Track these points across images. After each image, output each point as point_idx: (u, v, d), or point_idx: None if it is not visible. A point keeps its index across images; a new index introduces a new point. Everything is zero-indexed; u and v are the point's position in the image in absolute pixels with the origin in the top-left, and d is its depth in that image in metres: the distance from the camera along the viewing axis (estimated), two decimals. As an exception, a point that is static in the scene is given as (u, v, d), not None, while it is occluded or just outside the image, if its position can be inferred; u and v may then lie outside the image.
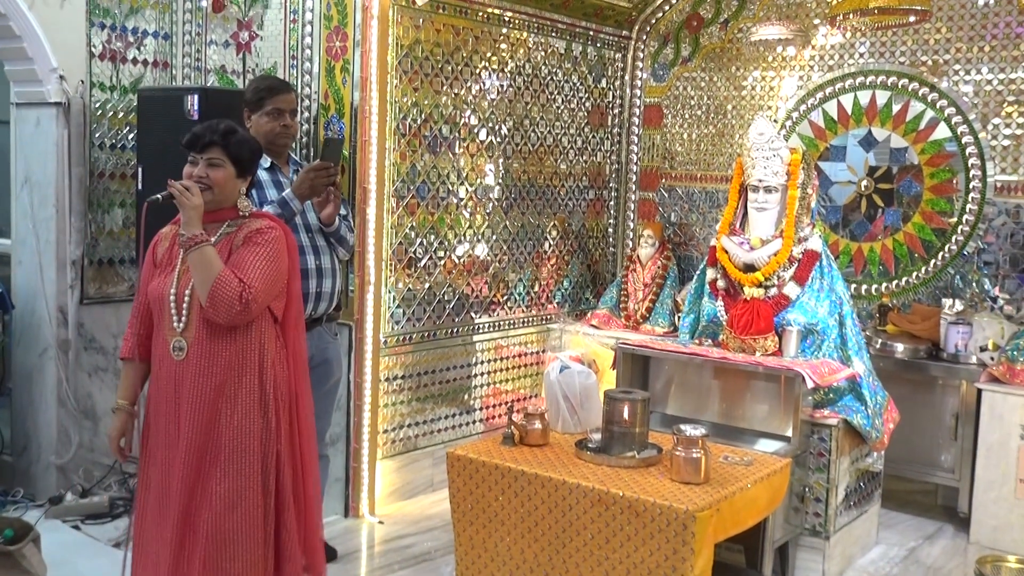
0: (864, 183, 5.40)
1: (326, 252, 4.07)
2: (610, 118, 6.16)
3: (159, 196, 2.85)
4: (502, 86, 5.32)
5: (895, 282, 5.34)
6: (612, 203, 6.26)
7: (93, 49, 4.85)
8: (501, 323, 5.47)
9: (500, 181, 5.38)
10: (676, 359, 4.35)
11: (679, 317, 5.10)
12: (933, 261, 5.22)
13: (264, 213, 3.11)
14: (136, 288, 2.98)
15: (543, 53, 5.58)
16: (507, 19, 5.29)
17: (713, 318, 4.48)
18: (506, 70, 5.34)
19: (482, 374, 5.37)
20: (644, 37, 6.15)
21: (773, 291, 4.31)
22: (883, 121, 5.33)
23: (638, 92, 6.22)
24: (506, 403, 5.18)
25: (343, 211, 4.15)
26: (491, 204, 5.33)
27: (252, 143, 3.03)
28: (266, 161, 4.07)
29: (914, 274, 5.28)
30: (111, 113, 4.94)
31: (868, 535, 4.46)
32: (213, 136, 2.88)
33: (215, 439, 2.82)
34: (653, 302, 5.67)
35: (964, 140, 5.10)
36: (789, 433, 4.00)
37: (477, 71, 5.15)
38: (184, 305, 2.82)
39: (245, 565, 2.81)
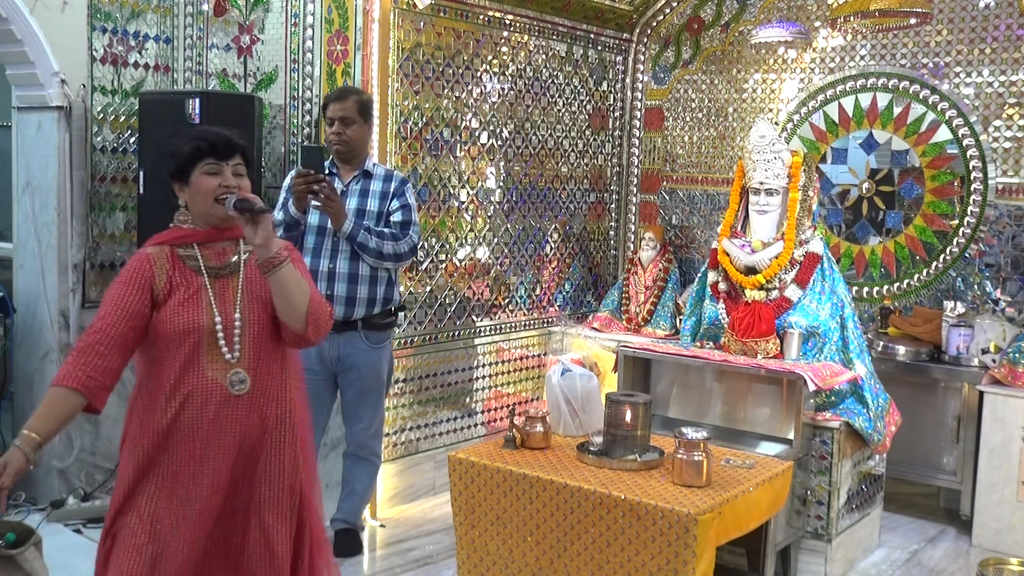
0: (865, 185, 5.40)
1: (344, 256, 4.03)
2: (611, 121, 6.16)
3: (253, 209, 2.45)
4: (503, 89, 5.32)
5: (896, 284, 5.33)
6: (613, 206, 6.26)
7: (94, 53, 4.85)
8: (502, 326, 5.47)
9: (501, 184, 5.38)
10: (678, 362, 4.35)
11: (680, 320, 5.11)
12: (934, 263, 5.21)
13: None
14: (106, 313, 2.45)
15: (544, 56, 5.58)
16: (508, 22, 5.29)
17: (714, 321, 4.48)
18: (507, 73, 5.34)
19: (483, 377, 5.36)
20: (645, 40, 6.16)
21: (774, 294, 4.31)
22: (884, 123, 5.33)
23: (639, 95, 6.22)
24: (508, 406, 5.16)
25: (402, 216, 4.10)
26: (492, 207, 5.33)
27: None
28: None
29: (915, 276, 5.27)
30: (112, 117, 4.95)
31: (870, 538, 4.46)
32: (235, 141, 2.57)
33: (270, 475, 2.57)
34: (654, 305, 5.66)
35: (965, 142, 5.09)
36: (791, 436, 3.99)
37: (478, 74, 5.15)
38: (236, 333, 2.51)
39: None
